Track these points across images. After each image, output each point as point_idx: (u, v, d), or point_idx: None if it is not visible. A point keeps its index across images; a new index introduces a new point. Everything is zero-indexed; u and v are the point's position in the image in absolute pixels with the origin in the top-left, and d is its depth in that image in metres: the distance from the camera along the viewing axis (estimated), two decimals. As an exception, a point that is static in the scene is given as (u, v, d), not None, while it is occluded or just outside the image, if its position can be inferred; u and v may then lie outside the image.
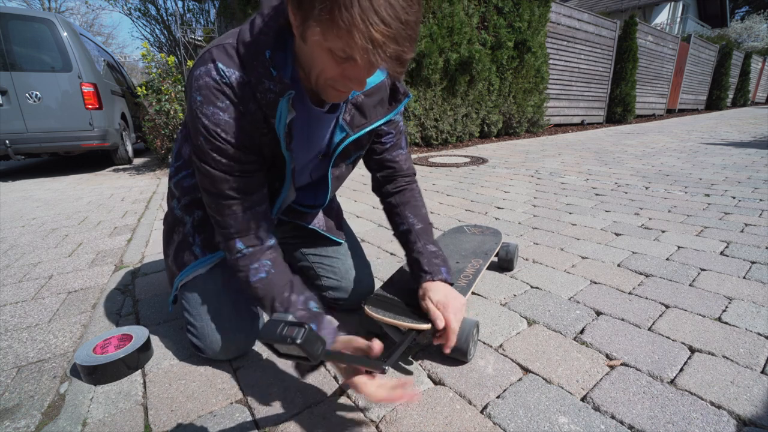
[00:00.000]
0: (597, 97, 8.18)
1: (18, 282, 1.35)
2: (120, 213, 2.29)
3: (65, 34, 3.59)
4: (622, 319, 0.99)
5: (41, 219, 2.21)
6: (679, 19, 15.44)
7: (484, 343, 0.91)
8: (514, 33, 5.32)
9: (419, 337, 0.86)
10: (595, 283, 1.20)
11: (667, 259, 1.36)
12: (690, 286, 1.16)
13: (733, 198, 2.15)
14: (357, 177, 3.16)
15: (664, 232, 1.64)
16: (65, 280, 1.36)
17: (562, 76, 7.16)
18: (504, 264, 1.29)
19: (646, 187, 2.48)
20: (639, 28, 8.31)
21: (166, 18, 9.61)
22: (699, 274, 1.23)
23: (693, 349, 0.86)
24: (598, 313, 1.03)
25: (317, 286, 1.05)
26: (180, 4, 9.95)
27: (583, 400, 0.73)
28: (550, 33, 6.50)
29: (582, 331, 0.95)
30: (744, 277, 1.20)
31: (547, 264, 1.35)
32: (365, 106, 0.79)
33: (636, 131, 6.65)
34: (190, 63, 4.43)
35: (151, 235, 1.82)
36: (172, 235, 0.90)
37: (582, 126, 7.98)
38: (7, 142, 3.47)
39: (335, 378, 0.81)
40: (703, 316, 0.99)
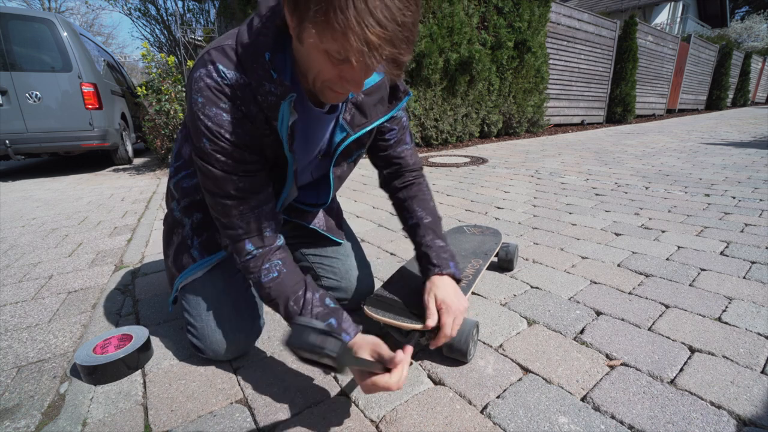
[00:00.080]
0: (597, 97, 8.18)
1: (18, 282, 1.35)
2: (120, 213, 2.29)
3: (65, 34, 3.59)
4: (622, 319, 0.99)
5: (41, 219, 2.21)
6: (679, 19, 15.45)
7: (484, 343, 0.91)
8: (514, 33, 5.32)
9: (422, 339, 0.86)
10: (595, 283, 1.20)
11: (667, 259, 1.36)
12: (690, 286, 1.16)
13: (733, 198, 2.15)
14: (357, 177, 3.16)
15: (664, 232, 1.64)
16: (65, 280, 1.36)
17: (562, 76, 7.16)
18: (504, 264, 1.29)
19: (646, 187, 2.48)
20: (639, 28, 8.31)
21: (166, 18, 9.61)
22: (699, 274, 1.23)
23: (693, 349, 0.86)
24: (598, 313, 1.03)
25: None
26: (180, 4, 9.95)
27: (583, 400, 0.73)
28: (550, 33, 6.50)
29: (582, 331, 0.95)
30: (744, 277, 1.20)
31: (547, 264, 1.35)
32: (365, 105, 0.79)
33: (636, 131, 6.65)
34: (190, 63, 4.44)
35: (151, 235, 1.82)
36: (171, 236, 0.91)
37: (582, 126, 7.98)
38: (7, 142, 3.47)
39: (335, 378, 0.81)
40: (703, 316, 0.99)
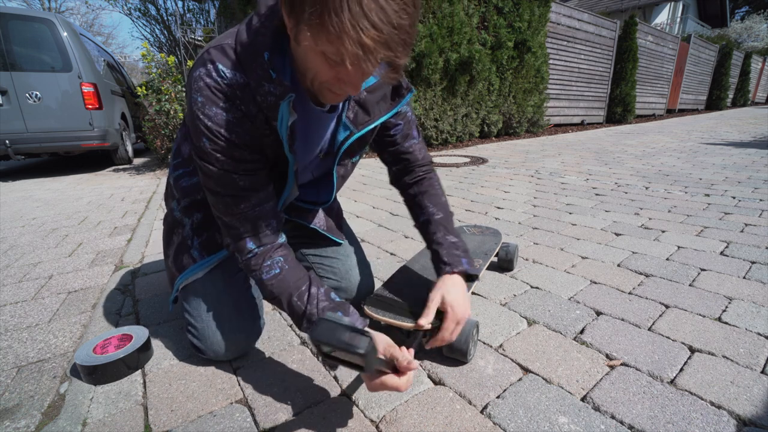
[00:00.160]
0: (597, 97, 8.18)
1: (18, 282, 1.35)
2: (120, 213, 2.29)
3: (65, 34, 3.59)
4: (622, 319, 0.99)
5: (41, 219, 2.21)
6: (679, 19, 15.45)
7: (484, 343, 0.91)
8: (514, 33, 5.32)
9: (424, 339, 0.86)
10: (595, 283, 1.20)
11: (667, 259, 1.36)
12: (690, 286, 1.16)
13: (733, 198, 2.15)
14: (357, 177, 3.16)
15: (664, 232, 1.64)
16: (65, 280, 1.36)
17: (562, 76, 7.16)
18: (504, 264, 1.29)
19: (646, 187, 2.48)
20: (639, 28, 8.31)
21: (166, 18, 9.62)
22: (699, 274, 1.23)
23: (693, 349, 0.86)
24: (598, 313, 1.03)
25: None
26: (180, 4, 9.96)
27: (583, 400, 0.73)
28: (550, 33, 6.50)
29: (582, 331, 0.95)
30: (744, 277, 1.20)
31: (547, 264, 1.35)
32: (368, 102, 0.78)
33: (636, 131, 6.65)
34: (190, 63, 4.44)
35: (151, 235, 1.82)
36: (171, 236, 0.91)
37: (582, 126, 7.98)
38: (7, 142, 3.47)
39: (335, 378, 0.81)
40: (703, 316, 0.99)
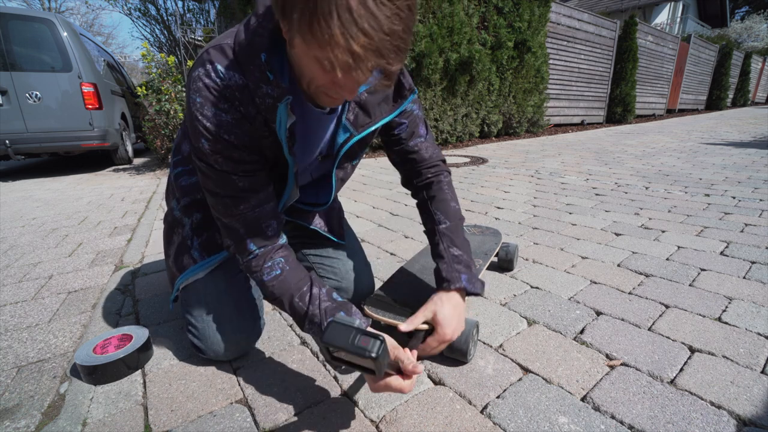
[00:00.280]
0: (597, 97, 8.18)
1: (18, 282, 1.35)
2: (120, 213, 2.29)
3: (65, 34, 3.59)
4: (622, 319, 0.99)
5: (41, 219, 2.21)
6: (679, 19, 15.45)
7: (484, 343, 0.91)
8: (514, 33, 5.32)
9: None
10: (595, 283, 1.20)
11: (667, 259, 1.36)
12: (690, 286, 1.16)
13: (733, 198, 2.15)
14: (357, 177, 3.16)
15: (664, 232, 1.64)
16: (65, 280, 1.36)
17: (562, 76, 7.16)
18: (504, 264, 1.29)
19: (646, 187, 2.48)
20: (639, 28, 8.31)
21: (166, 18, 9.63)
22: (699, 274, 1.23)
23: (693, 349, 0.86)
24: (598, 313, 1.03)
25: None
26: (180, 4, 9.96)
27: (583, 400, 0.73)
28: (550, 33, 6.50)
29: (582, 331, 0.95)
30: (744, 277, 1.20)
31: (547, 264, 1.35)
32: (369, 104, 0.77)
33: (636, 131, 6.65)
34: (190, 63, 4.44)
35: (151, 235, 1.82)
36: (172, 235, 0.91)
37: (582, 126, 7.98)
38: (7, 142, 3.48)
39: (335, 378, 0.81)
40: (703, 316, 0.99)
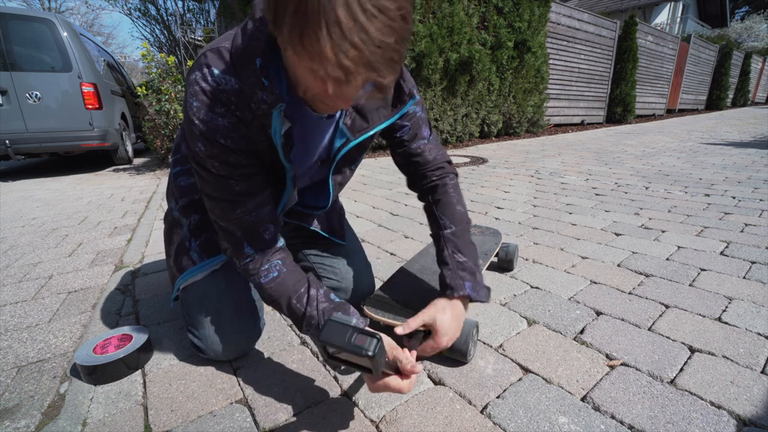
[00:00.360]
0: (597, 97, 8.18)
1: (18, 282, 1.35)
2: (120, 213, 2.29)
3: (65, 34, 3.59)
4: (622, 319, 0.99)
5: (41, 219, 2.21)
6: (679, 19, 15.45)
7: (484, 343, 0.91)
8: (514, 33, 5.32)
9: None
10: (595, 283, 1.20)
11: (667, 259, 1.36)
12: (690, 286, 1.16)
13: (733, 198, 2.15)
14: (357, 177, 3.16)
15: (664, 232, 1.64)
16: (65, 280, 1.36)
17: (562, 76, 7.17)
18: (504, 264, 1.29)
19: (646, 187, 2.48)
20: (639, 28, 8.31)
21: (166, 18, 9.63)
22: (699, 274, 1.23)
23: (693, 349, 0.86)
24: (598, 313, 1.03)
25: None
26: (180, 4, 9.97)
27: (583, 400, 0.73)
28: (550, 33, 6.50)
29: (582, 331, 0.95)
30: (744, 277, 1.20)
31: (547, 264, 1.35)
32: (366, 109, 0.76)
33: (636, 131, 6.65)
34: (190, 63, 4.44)
35: (151, 235, 1.82)
36: (171, 235, 0.91)
37: (582, 126, 7.98)
38: (7, 142, 3.47)
39: (335, 378, 0.81)
40: (703, 316, 0.99)
